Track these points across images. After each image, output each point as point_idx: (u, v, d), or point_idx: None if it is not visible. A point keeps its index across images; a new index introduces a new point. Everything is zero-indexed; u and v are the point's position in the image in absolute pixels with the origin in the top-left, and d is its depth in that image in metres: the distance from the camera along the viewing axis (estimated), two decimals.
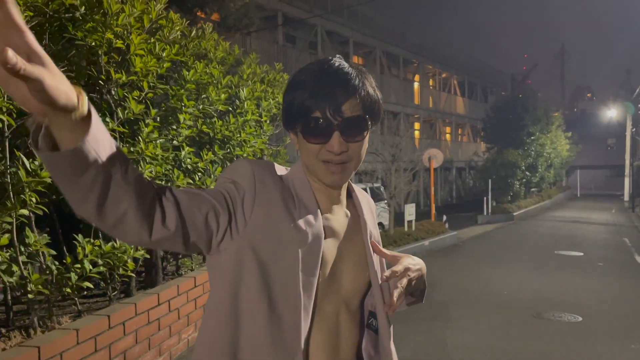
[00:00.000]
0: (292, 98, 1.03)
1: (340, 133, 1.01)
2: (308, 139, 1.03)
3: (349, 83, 1.01)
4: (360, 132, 1.04)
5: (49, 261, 2.82)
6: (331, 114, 0.99)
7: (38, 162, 2.52)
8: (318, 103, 0.99)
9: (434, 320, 5.83)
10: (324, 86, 1.00)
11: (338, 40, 20.75)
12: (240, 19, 7.92)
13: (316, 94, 1.00)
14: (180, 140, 3.71)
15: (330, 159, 1.03)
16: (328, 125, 1.00)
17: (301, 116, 1.02)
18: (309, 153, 1.04)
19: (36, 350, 2.40)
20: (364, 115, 1.03)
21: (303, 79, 1.04)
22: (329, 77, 1.01)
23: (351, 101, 1.01)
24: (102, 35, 2.99)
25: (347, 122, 1.01)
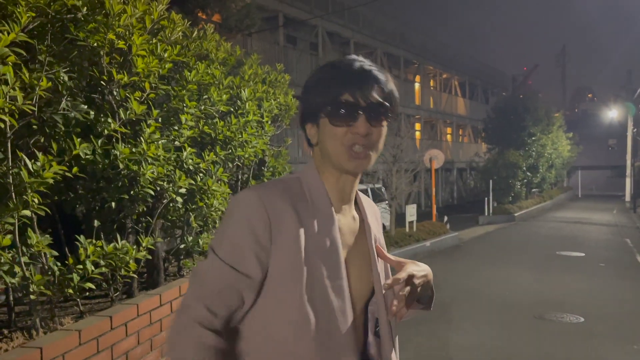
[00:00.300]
0: (317, 89, 1.09)
1: (366, 116, 1.06)
2: (335, 122, 1.07)
3: (376, 74, 1.09)
4: (383, 118, 1.09)
5: (51, 262, 2.82)
6: (360, 97, 1.06)
7: (40, 163, 2.52)
8: (348, 87, 1.06)
9: (435, 322, 5.82)
10: (353, 74, 1.07)
11: (339, 41, 20.76)
12: (242, 20, 7.93)
13: (346, 79, 1.06)
14: (182, 141, 3.71)
15: (355, 141, 1.07)
16: (355, 108, 1.06)
17: (329, 101, 1.07)
18: (335, 138, 1.07)
19: (38, 352, 2.40)
20: (387, 103, 1.09)
21: (328, 70, 1.10)
22: (356, 66, 1.08)
23: (377, 89, 1.08)
24: (104, 36, 2.99)
25: (373, 106, 1.07)
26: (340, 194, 1.14)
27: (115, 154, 3.10)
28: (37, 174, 2.50)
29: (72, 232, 3.17)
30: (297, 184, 1.13)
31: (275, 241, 1.04)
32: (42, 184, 2.51)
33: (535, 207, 21.32)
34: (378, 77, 1.08)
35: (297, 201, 1.09)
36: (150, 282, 3.93)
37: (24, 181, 2.44)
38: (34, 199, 2.51)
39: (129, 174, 3.21)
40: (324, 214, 1.10)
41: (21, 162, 2.51)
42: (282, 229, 1.05)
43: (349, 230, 1.15)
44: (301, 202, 1.09)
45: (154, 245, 3.50)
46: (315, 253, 1.06)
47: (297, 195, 1.10)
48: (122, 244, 3.05)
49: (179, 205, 3.79)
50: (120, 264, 3.05)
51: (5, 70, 2.33)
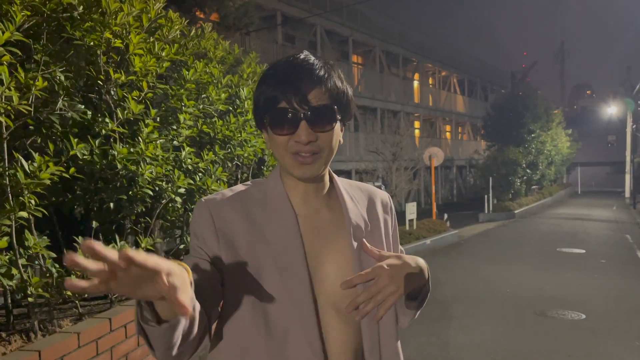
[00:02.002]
0: (259, 92, 1.04)
1: (308, 123, 1.00)
2: (276, 131, 1.02)
3: (314, 73, 1.01)
4: (328, 122, 1.03)
5: (49, 264, 2.79)
6: (297, 103, 0.99)
7: (37, 164, 2.50)
8: (284, 93, 0.99)
9: (436, 320, 5.80)
10: (289, 77, 1.00)
11: (337, 40, 20.72)
12: (240, 18, 7.90)
13: (282, 84, 1.00)
14: (180, 140, 3.68)
15: (299, 149, 1.02)
16: (295, 115, 1.00)
17: (268, 108, 1.02)
18: (278, 146, 1.04)
19: (37, 355, 2.37)
20: (331, 105, 1.02)
21: (271, 72, 1.04)
22: (295, 68, 1.01)
23: (317, 91, 1.00)
24: (100, 34, 2.96)
25: (314, 111, 1.00)
26: (304, 194, 1.10)
27: (113, 154, 3.08)
28: (33, 175, 2.47)
29: (70, 233, 3.14)
30: (260, 188, 1.12)
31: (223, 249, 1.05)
32: (39, 185, 2.48)
33: (535, 204, 21.32)
34: (319, 76, 1.00)
35: (251, 207, 1.08)
36: None
37: (20, 182, 2.42)
38: (30, 200, 2.48)
39: (127, 174, 3.18)
40: (283, 215, 1.07)
41: (17, 163, 2.48)
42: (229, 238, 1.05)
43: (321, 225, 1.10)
44: (256, 207, 1.08)
45: (153, 246, 3.47)
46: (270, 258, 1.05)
47: (255, 201, 1.09)
48: (121, 245, 3.03)
49: (178, 205, 3.76)
50: None
51: (1, 70, 2.30)
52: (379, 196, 1.23)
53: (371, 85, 21.16)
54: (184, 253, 4.24)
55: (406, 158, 12.08)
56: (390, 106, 22.07)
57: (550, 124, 24.23)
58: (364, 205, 1.18)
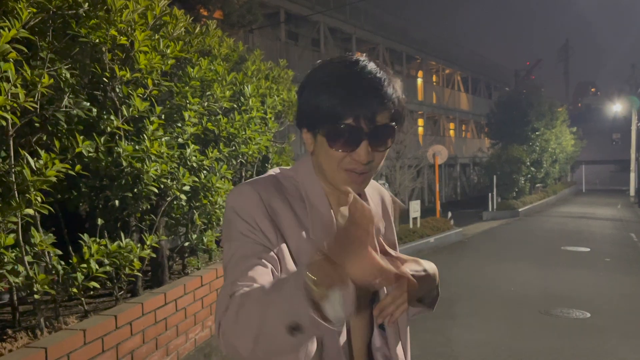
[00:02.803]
0: (317, 99, 0.97)
1: (369, 142, 0.96)
2: (333, 146, 0.97)
3: (384, 91, 0.95)
4: (387, 142, 0.99)
5: (55, 261, 2.79)
6: (364, 123, 0.94)
7: (43, 161, 2.49)
8: (352, 110, 0.94)
9: (441, 318, 5.79)
10: (358, 93, 0.94)
11: (341, 37, 20.68)
12: (244, 16, 7.89)
13: (350, 100, 0.94)
14: (185, 138, 3.68)
15: (354, 168, 0.98)
16: (358, 134, 0.95)
17: (329, 121, 0.96)
18: (331, 160, 0.99)
19: (43, 352, 2.38)
20: (393, 124, 0.99)
21: (331, 80, 0.97)
22: (362, 82, 0.95)
23: (385, 109, 0.96)
24: (105, 32, 2.95)
25: (378, 131, 0.96)
26: (339, 198, 1.09)
27: (118, 151, 3.08)
28: (39, 172, 2.47)
29: (75, 230, 3.14)
30: (291, 183, 1.06)
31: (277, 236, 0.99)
32: (45, 182, 2.48)
33: (539, 202, 21.24)
34: (388, 96, 0.95)
35: (294, 201, 1.03)
36: (155, 280, 3.91)
37: (26, 179, 2.42)
38: (36, 198, 2.48)
39: (133, 171, 3.18)
40: (323, 215, 1.04)
41: (24, 160, 2.48)
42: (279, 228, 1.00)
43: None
44: (296, 202, 1.04)
45: (158, 244, 3.48)
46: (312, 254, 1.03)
47: (293, 195, 1.05)
48: (126, 243, 3.03)
49: (183, 202, 3.76)
50: (124, 263, 3.02)
51: (7, 67, 2.30)
52: (386, 194, 1.25)
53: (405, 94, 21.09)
54: (188, 251, 4.25)
55: (410, 156, 12.06)
56: None
57: (555, 122, 24.12)
58: (378, 204, 1.20)
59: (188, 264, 4.26)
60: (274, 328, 0.76)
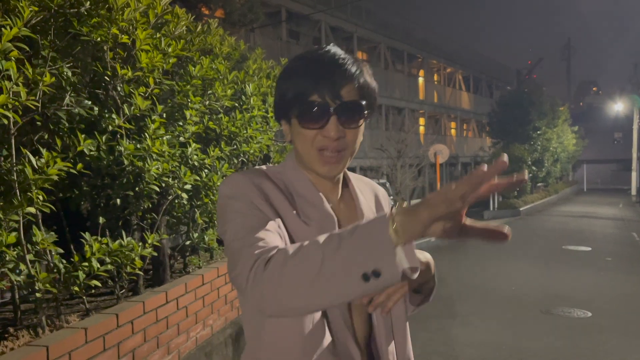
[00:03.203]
0: (287, 84, 1.02)
1: (338, 117, 1.00)
2: (304, 124, 1.01)
3: (347, 68, 1.00)
4: (357, 119, 1.02)
5: (57, 260, 2.80)
6: (330, 97, 0.98)
7: (44, 159, 2.50)
8: (316, 87, 0.98)
9: (442, 317, 5.79)
10: (321, 70, 0.99)
11: (342, 36, 20.67)
12: (245, 15, 7.89)
13: (314, 77, 0.99)
14: (186, 136, 3.68)
15: (326, 145, 1.01)
16: (325, 109, 0.99)
17: (298, 101, 1.00)
18: (305, 140, 1.03)
19: (45, 350, 2.38)
20: (361, 101, 1.02)
21: (298, 64, 1.03)
22: (327, 62, 1.00)
23: (349, 86, 1.00)
24: (107, 30, 2.95)
25: (345, 106, 1.00)
26: (324, 187, 1.10)
27: (119, 150, 3.08)
28: (41, 170, 2.47)
29: (77, 229, 3.14)
30: (278, 178, 1.09)
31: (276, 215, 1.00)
32: (47, 180, 2.48)
33: (540, 202, 21.23)
34: (351, 71, 1.00)
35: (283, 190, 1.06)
36: (156, 279, 3.91)
37: (28, 178, 2.42)
38: (38, 196, 2.49)
39: (134, 170, 3.18)
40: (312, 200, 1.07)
41: (25, 159, 2.48)
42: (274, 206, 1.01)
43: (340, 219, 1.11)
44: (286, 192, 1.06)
45: (159, 242, 3.48)
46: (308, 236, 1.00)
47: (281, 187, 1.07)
48: (128, 241, 3.03)
49: (184, 201, 3.76)
50: (125, 261, 3.02)
51: (8, 65, 2.30)
52: (380, 190, 1.27)
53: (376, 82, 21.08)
54: (190, 249, 4.25)
55: (411, 155, 12.05)
56: (395, 103, 22.01)
57: (556, 121, 24.09)
58: (371, 199, 1.21)
59: (189, 262, 4.27)
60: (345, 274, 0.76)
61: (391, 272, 0.75)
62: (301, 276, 0.79)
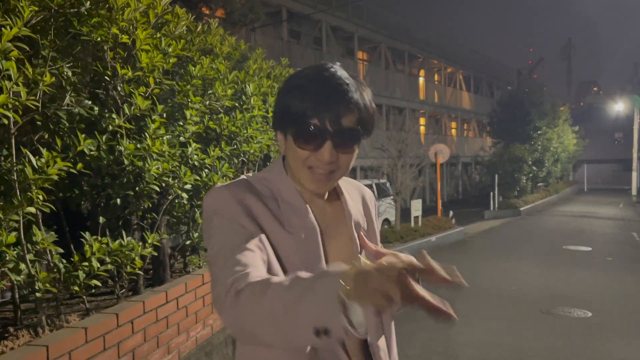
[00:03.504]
0: (289, 101, 1.03)
1: (333, 143, 1.01)
2: (299, 144, 1.03)
3: (349, 95, 1.01)
4: (351, 145, 1.04)
5: (57, 259, 2.80)
6: (329, 124, 0.99)
7: (44, 159, 2.50)
8: (317, 110, 0.99)
9: None
10: (324, 94, 1.00)
11: (343, 36, 20.66)
12: (246, 14, 7.89)
13: (317, 101, 0.99)
14: (187, 136, 3.68)
15: (317, 166, 1.03)
16: (322, 134, 1.00)
17: (297, 120, 1.01)
18: (297, 158, 1.04)
19: (45, 350, 2.38)
20: (358, 128, 1.03)
21: (302, 83, 1.03)
22: (330, 85, 1.00)
23: (350, 114, 1.01)
24: (107, 30, 2.95)
25: (342, 132, 1.01)
26: (312, 195, 1.12)
27: (120, 150, 3.08)
28: (41, 170, 2.47)
29: (77, 229, 3.15)
30: (263, 185, 1.10)
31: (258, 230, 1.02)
32: (47, 180, 2.49)
33: (541, 202, 21.22)
34: (353, 100, 1.00)
35: (267, 200, 1.07)
36: (156, 279, 3.92)
37: (28, 178, 2.42)
38: (38, 196, 2.49)
39: (134, 170, 3.18)
40: (297, 208, 1.08)
41: (25, 159, 2.48)
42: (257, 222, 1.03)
43: (328, 221, 1.12)
44: (271, 200, 1.07)
45: (159, 242, 3.48)
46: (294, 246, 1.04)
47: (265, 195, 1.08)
48: (128, 241, 3.03)
49: (185, 201, 3.76)
50: (125, 261, 3.03)
51: (8, 65, 2.30)
52: (367, 192, 1.28)
53: (376, 82, 21.09)
54: (190, 249, 4.25)
55: (411, 155, 12.02)
56: (395, 103, 22.00)
57: (557, 121, 24.08)
58: (359, 201, 1.23)
59: (189, 262, 4.27)
60: (300, 326, 0.79)
61: (338, 332, 0.77)
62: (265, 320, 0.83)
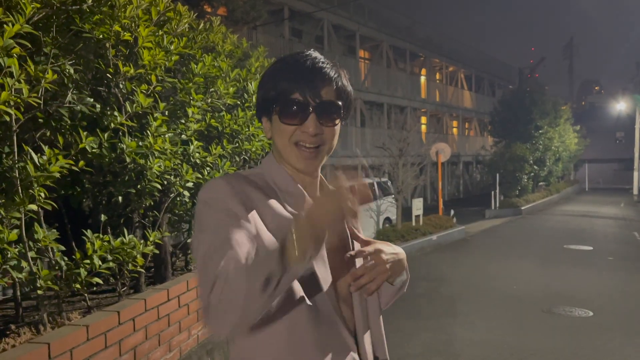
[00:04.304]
0: (271, 83, 1.10)
1: (316, 115, 1.07)
2: (285, 120, 1.08)
3: (326, 71, 1.09)
4: (334, 117, 1.10)
5: (58, 257, 2.80)
6: (310, 96, 1.06)
7: (46, 157, 2.49)
8: (298, 86, 1.06)
9: (443, 316, 5.79)
10: (303, 72, 1.07)
11: (344, 34, 20.63)
12: (248, 12, 7.88)
13: (296, 78, 1.07)
14: (188, 134, 3.67)
15: (304, 139, 1.08)
16: (305, 107, 1.07)
17: (280, 98, 1.07)
18: (283, 135, 1.09)
19: (46, 347, 2.38)
20: (338, 102, 1.10)
21: (282, 65, 1.11)
22: (308, 64, 1.08)
23: (328, 87, 1.08)
24: (109, 27, 2.95)
25: (324, 105, 1.08)
26: (302, 182, 1.15)
27: (121, 147, 3.07)
28: (43, 167, 2.47)
29: (78, 226, 3.14)
30: (259, 178, 1.14)
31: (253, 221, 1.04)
32: (49, 177, 2.48)
33: (542, 201, 21.19)
34: (330, 75, 1.09)
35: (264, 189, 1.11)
36: (158, 277, 3.92)
37: (30, 175, 2.42)
38: (40, 193, 2.48)
39: (136, 167, 3.18)
40: (295, 195, 1.12)
41: (27, 156, 2.48)
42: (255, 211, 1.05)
43: None
44: (267, 189, 1.11)
45: (161, 240, 3.47)
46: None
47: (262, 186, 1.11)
48: (130, 239, 3.03)
49: (186, 199, 3.76)
50: (127, 259, 3.02)
51: (11, 62, 2.30)
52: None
53: (378, 81, 21.07)
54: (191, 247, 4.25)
55: (413, 154, 12.00)
56: (397, 101, 21.97)
57: (558, 120, 24.02)
58: None
59: (191, 260, 4.26)
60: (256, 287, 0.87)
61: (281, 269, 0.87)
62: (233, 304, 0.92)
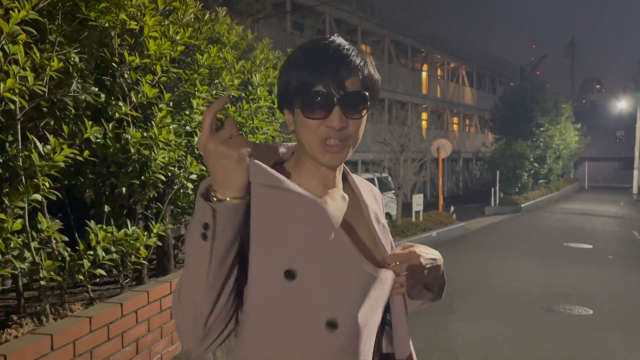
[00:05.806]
0: (291, 75, 1.02)
1: (341, 108, 1.00)
2: (308, 115, 1.01)
3: (352, 60, 1.00)
4: (360, 109, 1.02)
5: (61, 247, 2.77)
6: (334, 88, 0.98)
7: (51, 146, 2.46)
8: (321, 77, 0.98)
9: (444, 312, 5.78)
10: (326, 61, 0.99)
11: (346, 29, 20.55)
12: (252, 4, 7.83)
13: (319, 68, 0.99)
14: (193, 125, 3.64)
15: (329, 135, 1.01)
16: (329, 100, 0.99)
17: (302, 91, 1.00)
18: (308, 130, 1.02)
19: (49, 338, 2.36)
20: (365, 92, 1.02)
21: (303, 54, 1.03)
22: (332, 52, 1.00)
23: (353, 77, 1.00)
24: (115, 16, 2.91)
25: (349, 97, 1.00)
26: (324, 180, 1.09)
27: (126, 138, 3.04)
28: (47, 157, 2.44)
29: (82, 217, 3.12)
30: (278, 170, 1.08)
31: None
32: (53, 167, 2.45)
33: (541, 198, 21.20)
34: (355, 63, 1.00)
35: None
36: (160, 269, 3.90)
37: (34, 164, 2.39)
38: (44, 183, 2.45)
39: (140, 158, 3.15)
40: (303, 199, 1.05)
41: (31, 145, 2.45)
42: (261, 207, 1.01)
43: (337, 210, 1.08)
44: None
45: (164, 232, 3.45)
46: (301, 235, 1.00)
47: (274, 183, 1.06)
48: (133, 230, 3.00)
49: (190, 191, 3.73)
50: (130, 250, 3.00)
51: (16, 49, 2.26)
52: (375, 189, 1.27)
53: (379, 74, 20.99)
54: None
55: (413, 149, 11.97)
56: (398, 97, 21.93)
57: (559, 118, 24.00)
58: (371, 196, 1.21)
59: None
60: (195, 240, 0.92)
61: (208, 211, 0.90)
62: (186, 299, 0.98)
